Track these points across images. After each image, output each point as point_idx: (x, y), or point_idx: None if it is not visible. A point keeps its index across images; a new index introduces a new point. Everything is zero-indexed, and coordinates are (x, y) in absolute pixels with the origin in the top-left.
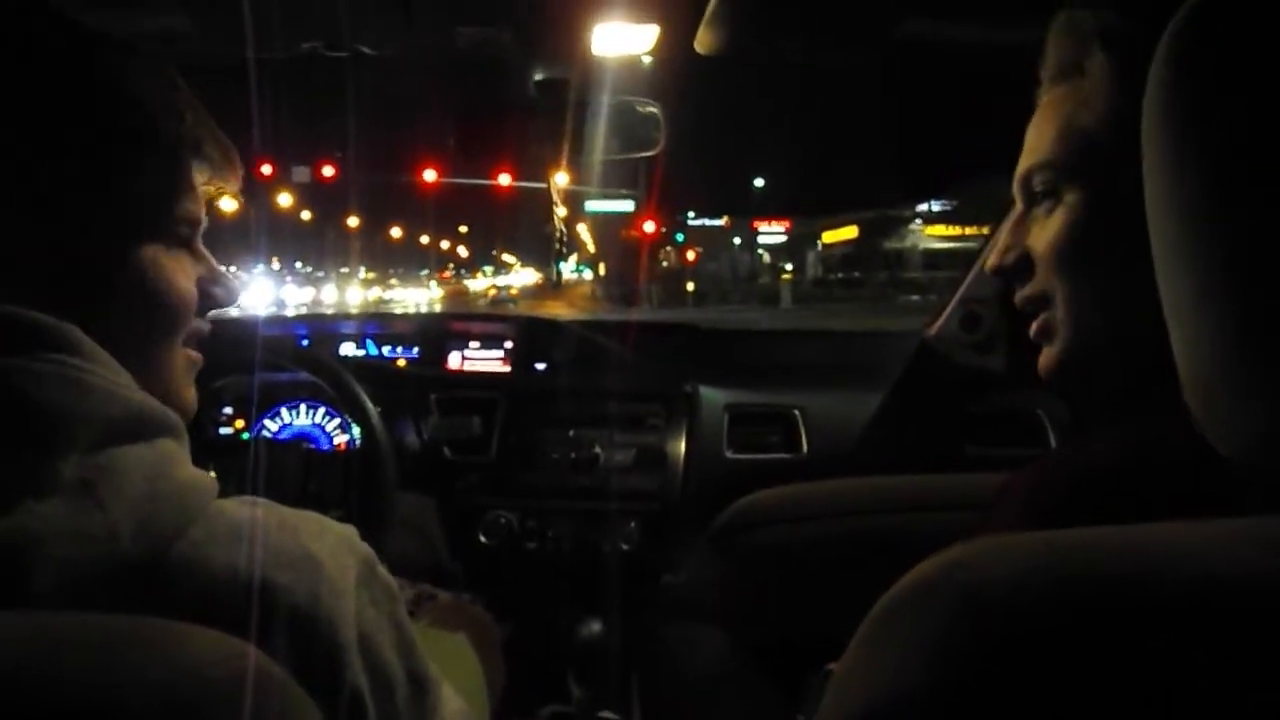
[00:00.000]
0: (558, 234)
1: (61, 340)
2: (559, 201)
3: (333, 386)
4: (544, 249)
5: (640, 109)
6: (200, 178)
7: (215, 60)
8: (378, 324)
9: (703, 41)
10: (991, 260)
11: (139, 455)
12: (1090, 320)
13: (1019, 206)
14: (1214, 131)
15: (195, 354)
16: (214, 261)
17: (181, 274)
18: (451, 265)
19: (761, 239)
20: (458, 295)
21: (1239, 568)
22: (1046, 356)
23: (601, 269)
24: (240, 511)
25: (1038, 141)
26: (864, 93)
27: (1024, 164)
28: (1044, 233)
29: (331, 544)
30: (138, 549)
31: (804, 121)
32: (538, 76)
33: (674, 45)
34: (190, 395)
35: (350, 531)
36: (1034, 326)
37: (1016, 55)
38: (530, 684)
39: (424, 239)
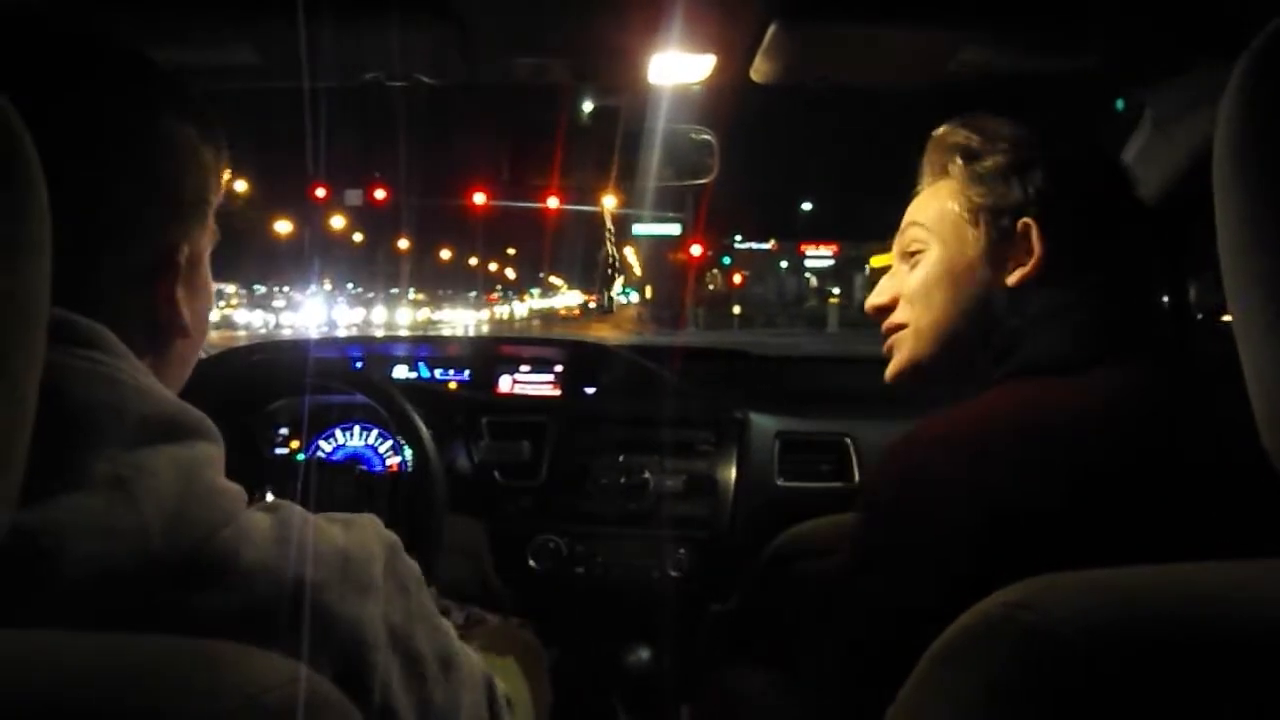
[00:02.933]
0: (609, 259)
1: (93, 338)
2: (610, 227)
3: (386, 409)
4: (590, 271)
5: (694, 136)
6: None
7: (277, 90)
8: (429, 347)
9: (759, 71)
10: (870, 301)
11: (173, 455)
12: (923, 343)
13: (895, 262)
14: None
15: None
16: None
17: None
18: (499, 287)
19: (809, 262)
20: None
21: None
22: (892, 366)
23: (648, 292)
24: (268, 513)
25: (918, 212)
26: (913, 116)
27: (906, 222)
28: (910, 278)
29: (357, 536)
30: (168, 546)
31: (851, 145)
32: (590, 104)
33: (730, 75)
34: None
35: (373, 519)
36: (886, 345)
37: (1068, 83)
38: (577, 710)
39: (473, 261)
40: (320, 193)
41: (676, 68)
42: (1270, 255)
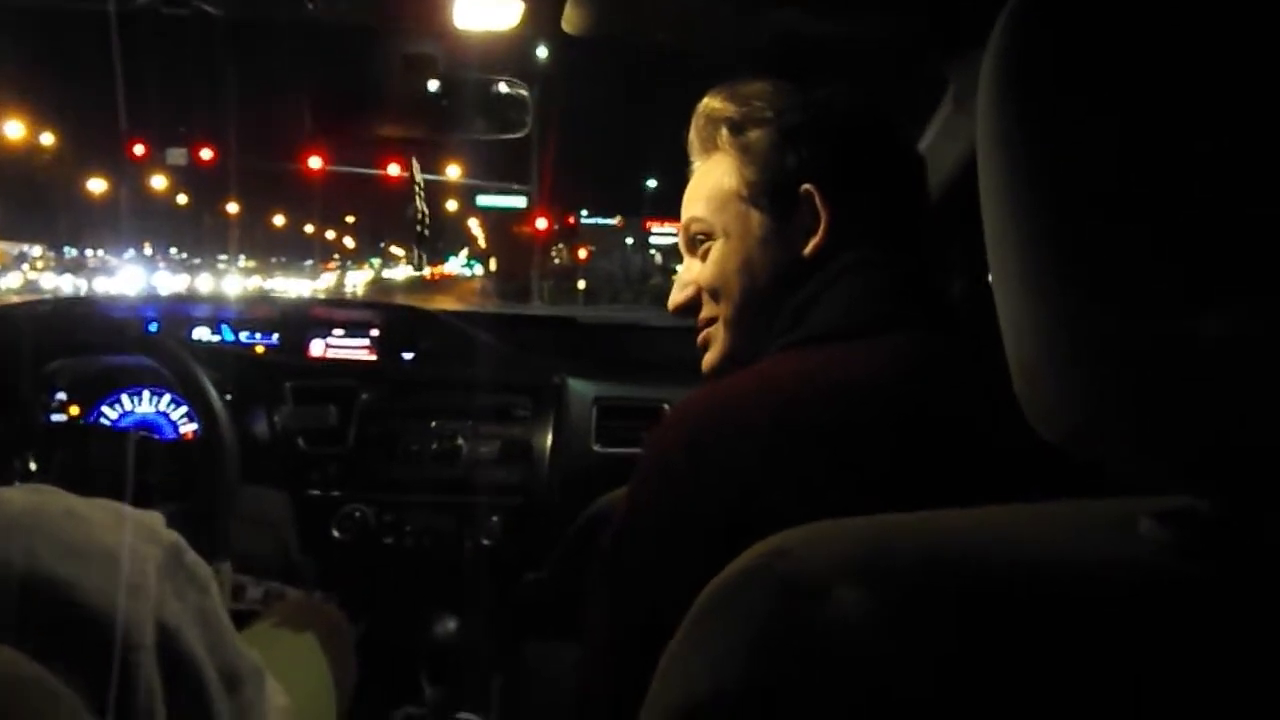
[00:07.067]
0: (419, 214)
1: None
2: (419, 180)
3: (172, 371)
4: (435, 241)
5: (507, 90)
6: None
7: (89, 37)
8: (235, 309)
9: (570, 20)
10: (672, 300)
11: None
12: (736, 334)
13: (685, 257)
14: (1037, 127)
15: None
16: None
17: None
18: (337, 256)
19: (654, 239)
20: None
21: (1059, 550)
22: (707, 360)
23: (493, 264)
24: (21, 499)
25: (695, 200)
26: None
27: (685, 217)
28: (704, 272)
29: (129, 534)
30: None
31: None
32: (406, 51)
33: (540, 22)
34: None
35: (154, 518)
36: (700, 338)
37: (892, 50)
38: (384, 685)
39: (308, 228)
40: (139, 150)
41: (484, 12)
42: (1021, 221)
